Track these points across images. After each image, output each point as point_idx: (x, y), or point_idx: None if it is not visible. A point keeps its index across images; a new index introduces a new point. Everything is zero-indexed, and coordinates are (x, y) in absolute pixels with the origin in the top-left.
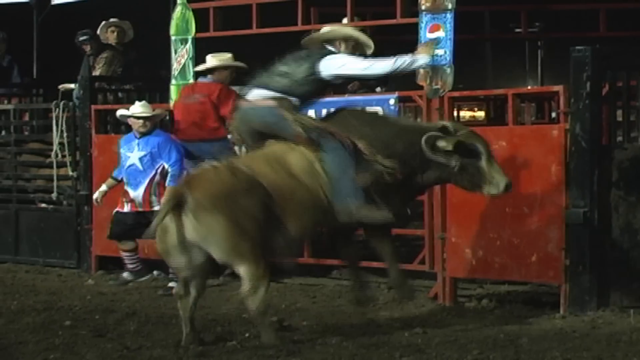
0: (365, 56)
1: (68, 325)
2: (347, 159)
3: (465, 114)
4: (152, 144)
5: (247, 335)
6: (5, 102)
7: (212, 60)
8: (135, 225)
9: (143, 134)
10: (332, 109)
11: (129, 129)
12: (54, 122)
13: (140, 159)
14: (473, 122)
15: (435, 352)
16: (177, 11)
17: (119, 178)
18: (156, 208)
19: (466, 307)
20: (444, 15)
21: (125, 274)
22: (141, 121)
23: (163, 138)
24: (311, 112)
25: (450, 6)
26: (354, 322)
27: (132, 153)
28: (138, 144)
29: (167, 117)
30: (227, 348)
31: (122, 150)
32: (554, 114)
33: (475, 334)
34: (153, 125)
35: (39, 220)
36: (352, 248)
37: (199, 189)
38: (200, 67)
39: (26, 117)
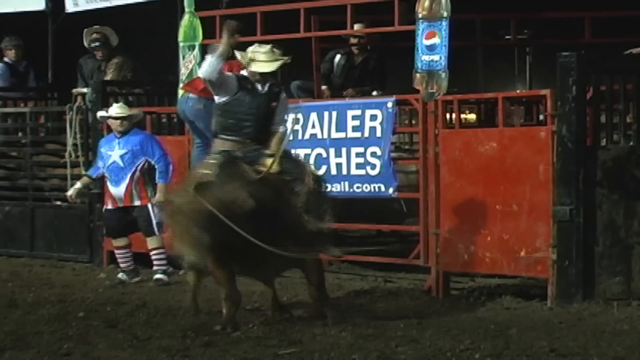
0: None
1: (81, 316)
2: None
3: (459, 116)
4: (133, 142)
5: (251, 326)
6: (22, 105)
7: None
8: (121, 221)
9: (122, 133)
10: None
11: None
12: (67, 124)
13: (121, 156)
14: (465, 124)
15: (429, 342)
16: (185, 19)
17: (93, 176)
18: (137, 203)
19: (458, 300)
20: (439, 22)
21: (120, 274)
22: (119, 121)
23: (144, 136)
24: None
25: (445, 14)
26: (352, 313)
27: (113, 151)
28: (118, 143)
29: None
30: (231, 338)
31: (102, 150)
32: (541, 117)
33: (467, 325)
34: (131, 124)
35: (54, 217)
36: None
37: None
38: None
39: (42, 120)
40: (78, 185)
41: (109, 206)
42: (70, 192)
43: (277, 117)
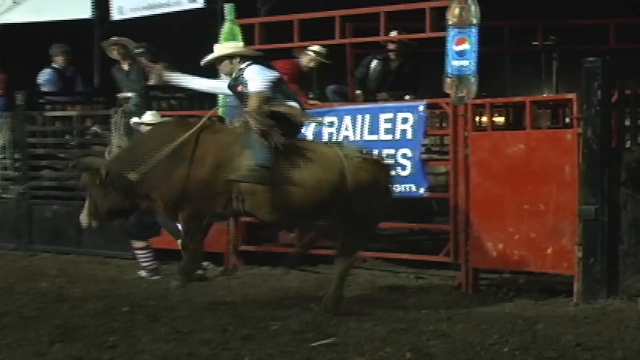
0: None
1: (126, 310)
2: None
3: (486, 119)
4: None
5: (289, 319)
6: (70, 108)
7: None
8: (143, 224)
9: None
10: (366, 115)
11: None
12: (113, 127)
13: None
14: (493, 127)
15: (459, 336)
16: (226, 26)
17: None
18: None
19: (487, 295)
20: (469, 29)
21: (142, 272)
22: (150, 127)
23: None
24: (333, 119)
25: (474, 21)
26: (385, 308)
27: None
28: None
29: None
30: (270, 332)
31: None
32: (567, 120)
33: (496, 319)
34: None
35: None
36: None
37: None
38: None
39: (88, 123)
40: None
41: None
42: None
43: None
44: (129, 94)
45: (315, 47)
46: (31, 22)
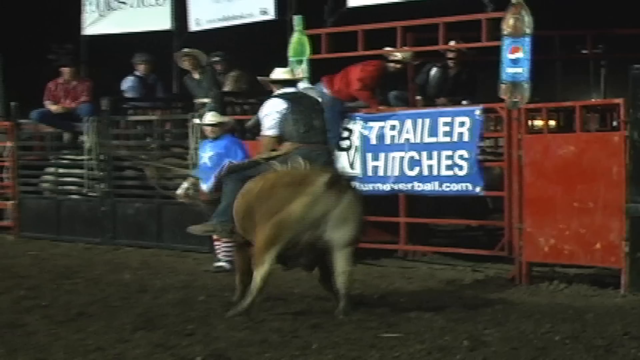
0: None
1: (202, 300)
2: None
3: (538, 123)
4: (220, 146)
5: (354, 309)
6: (151, 113)
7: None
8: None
9: (214, 139)
10: (426, 119)
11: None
12: (190, 130)
13: (210, 158)
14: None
15: (513, 325)
16: (295, 36)
17: (197, 176)
18: None
19: (540, 288)
20: (522, 38)
21: (220, 263)
22: (210, 128)
23: (230, 141)
24: (395, 123)
25: (528, 31)
26: (444, 299)
27: (205, 154)
28: (210, 147)
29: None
30: (336, 320)
31: (199, 152)
32: (615, 123)
33: (548, 310)
34: (222, 131)
35: (179, 213)
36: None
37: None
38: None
39: (168, 126)
40: (185, 184)
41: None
42: (178, 191)
43: None
44: (205, 100)
45: (400, 52)
46: (115, 33)
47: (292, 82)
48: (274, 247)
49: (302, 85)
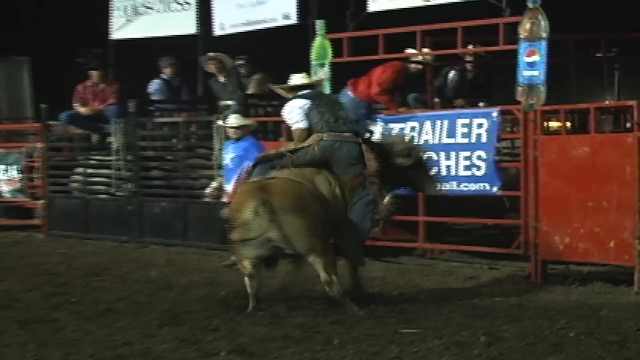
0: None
1: (226, 297)
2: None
3: (554, 124)
4: (241, 147)
5: (371, 306)
6: (176, 115)
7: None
8: None
9: (236, 140)
10: (444, 120)
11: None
12: (215, 131)
13: (232, 159)
14: (560, 131)
15: (529, 321)
16: (317, 40)
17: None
18: None
19: (555, 285)
20: (539, 42)
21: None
22: (233, 130)
23: (250, 143)
24: (415, 124)
25: (544, 35)
26: (462, 296)
27: (227, 155)
28: (232, 148)
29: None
30: (357, 317)
31: (222, 153)
32: (628, 124)
33: (563, 306)
34: (244, 133)
35: (204, 212)
36: None
37: (278, 194)
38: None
39: (193, 128)
40: (214, 184)
41: (225, 201)
42: (207, 191)
43: None
44: (230, 102)
45: (426, 57)
46: (142, 37)
47: (309, 87)
48: None
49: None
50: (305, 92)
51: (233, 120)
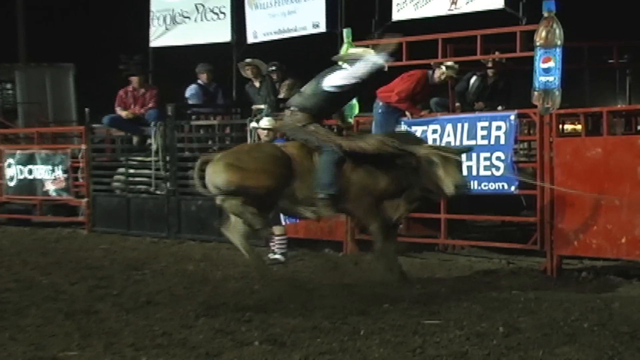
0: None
1: (259, 290)
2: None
3: (568, 127)
4: None
5: (398, 298)
6: (212, 118)
7: None
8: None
9: (268, 142)
10: (465, 123)
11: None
12: (248, 134)
13: None
14: (574, 133)
15: (544, 313)
16: (344, 48)
17: None
18: None
19: (569, 279)
20: (554, 49)
21: (276, 255)
22: (265, 132)
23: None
24: (437, 127)
25: (559, 42)
26: (481, 289)
27: None
28: None
29: None
30: (382, 309)
31: None
32: (639, 127)
33: (577, 299)
34: (275, 135)
35: None
36: None
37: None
38: None
39: (227, 130)
40: None
41: None
42: None
43: None
44: (262, 106)
45: (449, 63)
46: (180, 45)
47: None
48: None
49: None
50: None
51: (265, 122)
